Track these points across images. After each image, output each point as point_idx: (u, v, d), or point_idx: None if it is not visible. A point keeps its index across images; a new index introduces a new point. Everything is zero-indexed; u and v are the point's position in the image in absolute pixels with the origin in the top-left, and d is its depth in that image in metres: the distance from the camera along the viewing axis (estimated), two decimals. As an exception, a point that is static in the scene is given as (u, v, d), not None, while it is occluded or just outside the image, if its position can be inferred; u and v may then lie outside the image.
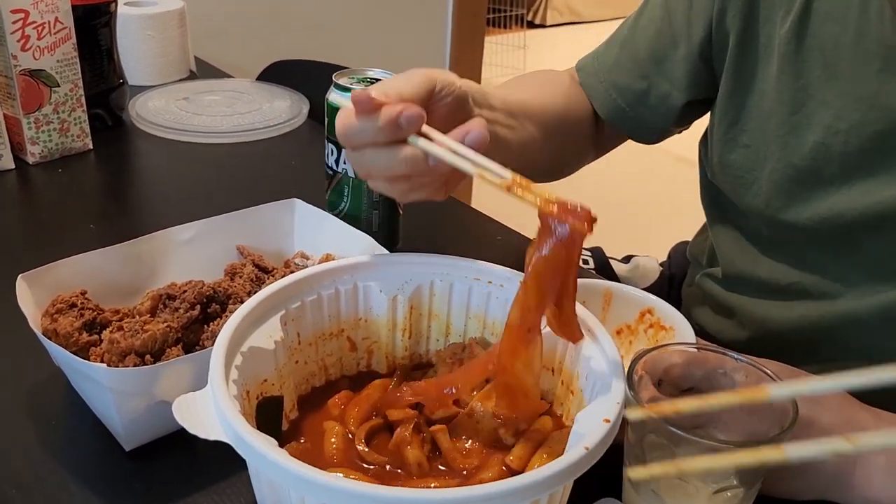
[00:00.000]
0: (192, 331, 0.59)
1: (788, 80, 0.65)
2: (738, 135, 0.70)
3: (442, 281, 0.59)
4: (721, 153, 0.72)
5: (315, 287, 0.56)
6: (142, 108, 1.13)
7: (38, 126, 0.97)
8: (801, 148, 0.65)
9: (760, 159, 0.68)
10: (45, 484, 0.53)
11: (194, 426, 0.44)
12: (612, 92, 0.78)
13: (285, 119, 1.12)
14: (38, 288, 0.60)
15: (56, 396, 0.61)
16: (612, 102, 0.78)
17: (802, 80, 0.64)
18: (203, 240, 0.69)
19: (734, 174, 0.71)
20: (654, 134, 0.80)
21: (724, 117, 0.71)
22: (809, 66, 0.64)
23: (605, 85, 0.78)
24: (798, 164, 0.65)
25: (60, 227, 0.86)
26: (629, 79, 0.76)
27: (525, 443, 0.52)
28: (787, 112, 0.65)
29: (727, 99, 0.70)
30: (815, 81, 0.64)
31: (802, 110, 0.65)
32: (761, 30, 0.67)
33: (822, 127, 0.64)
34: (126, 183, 1.02)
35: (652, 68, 0.75)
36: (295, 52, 1.36)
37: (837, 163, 0.64)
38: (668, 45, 0.73)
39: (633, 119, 0.78)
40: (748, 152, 0.69)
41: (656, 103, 0.76)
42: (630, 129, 0.79)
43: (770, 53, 0.66)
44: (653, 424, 0.45)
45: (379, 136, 0.51)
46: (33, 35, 0.92)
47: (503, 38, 3.95)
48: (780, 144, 0.67)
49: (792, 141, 0.66)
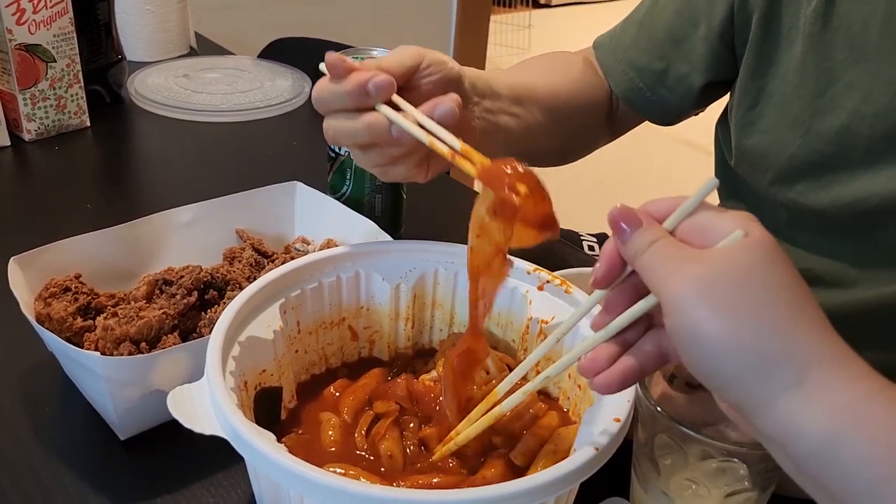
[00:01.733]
0: (188, 317, 0.57)
1: (813, 62, 0.63)
2: (757, 119, 0.68)
3: (446, 269, 0.57)
4: (739, 136, 0.70)
5: (316, 275, 0.55)
6: (140, 85, 1.11)
7: (34, 102, 0.95)
8: (826, 132, 0.63)
9: (779, 143, 0.67)
10: (38, 473, 0.52)
11: (190, 420, 0.42)
12: (630, 71, 0.76)
13: (287, 98, 1.10)
14: (31, 271, 0.58)
15: (49, 383, 0.59)
16: (629, 82, 0.76)
17: (828, 63, 0.62)
18: (201, 223, 0.67)
19: (752, 157, 0.69)
20: (670, 115, 0.78)
21: (743, 99, 0.69)
22: (836, 48, 0.62)
23: (623, 64, 0.76)
24: (821, 148, 0.63)
25: (56, 207, 0.84)
26: (647, 59, 0.74)
27: (529, 438, 0.51)
28: (810, 95, 0.64)
29: (747, 81, 0.68)
30: (842, 64, 0.62)
31: (827, 93, 0.63)
32: (785, 10, 0.64)
33: (848, 111, 0.62)
34: (124, 162, 1.00)
35: (670, 49, 0.73)
36: (297, 30, 1.33)
37: (863, 148, 0.62)
38: (687, 25, 0.71)
39: (651, 100, 0.76)
40: (766, 136, 0.67)
41: (674, 84, 0.74)
42: (647, 109, 0.77)
43: (794, 34, 0.64)
44: (664, 423, 0.44)
45: (346, 102, 0.52)
46: (29, 8, 0.90)
47: (508, 18, 3.90)
48: (803, 129, 0.65)
49: (815, 125, 0.64)
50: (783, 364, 0.34)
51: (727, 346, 0.34)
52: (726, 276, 0.35)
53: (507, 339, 0.57)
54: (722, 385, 0.36)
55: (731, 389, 0.35)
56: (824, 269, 0.68)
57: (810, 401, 0.34)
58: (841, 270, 0.67)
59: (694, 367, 0.36)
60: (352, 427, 0.52)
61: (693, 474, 0.44)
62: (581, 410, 0.51)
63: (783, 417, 0.34)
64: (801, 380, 0.34)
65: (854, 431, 0.33)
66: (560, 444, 0.49)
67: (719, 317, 0.34)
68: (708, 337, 0.34)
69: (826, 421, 0.33)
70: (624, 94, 0.77)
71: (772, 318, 0.35)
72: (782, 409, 0.34)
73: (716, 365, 0.35)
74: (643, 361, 0.40)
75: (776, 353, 0.34)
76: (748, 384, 0.34)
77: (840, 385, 0.34)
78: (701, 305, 0.35)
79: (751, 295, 0.35)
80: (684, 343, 0.36)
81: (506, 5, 4.03)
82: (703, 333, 0.35)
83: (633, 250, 0.38)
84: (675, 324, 0.36)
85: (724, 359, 0.35)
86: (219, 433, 0.42)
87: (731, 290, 0.35)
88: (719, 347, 0.34)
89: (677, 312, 0.35)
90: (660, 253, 0.37)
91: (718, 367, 0.35)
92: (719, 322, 0.34)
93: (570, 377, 0.53)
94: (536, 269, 0.55)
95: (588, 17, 4.45)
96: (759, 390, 0.34)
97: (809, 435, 0.33)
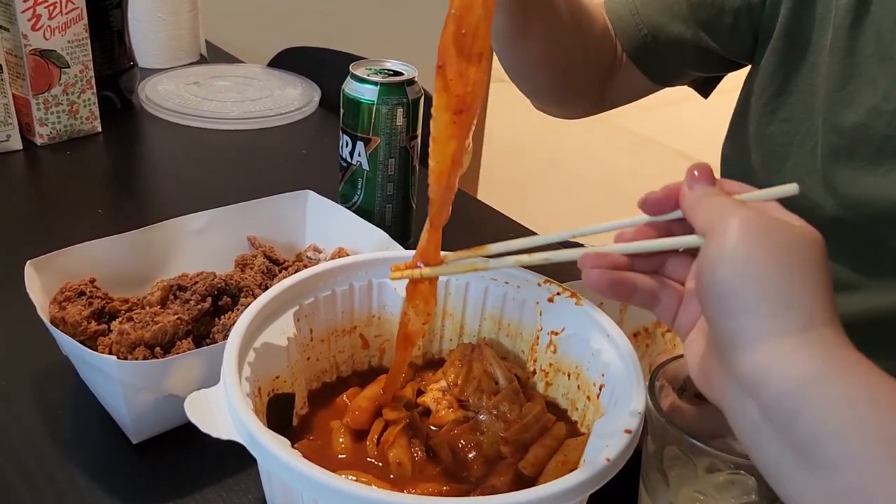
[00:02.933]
0: (202, 323, 0.58)
1: (839, 55, 0.63)
2: (780, 108, 0.67)
3: (458, 280, 0.57)
4: (758, 125, 0.70)
5: (329, 283, 0.55)
6: (151, 92, 1.11)
7: (46, 107, 0.95)
8: (841, 126, 0.63)
9: (800, 134, 0.66)
10: (52, 475, 0.52)
11: (206, 424, 0.43)
12: (644, 27, 0.74)
13: (297, 107, 1.11)
14: (47, 274, 0.59)
15: (63, 385, 0.60)
16: (641, 38, 0.74)
17: (853, 57, 0.62)
18: (214, 229, 0.68)
19: (769, 148, 0.69)
20: (669, 76, 0.77)
21: (767, 87, 0.68)
22: (863, 44, 0.61)
23: (637, 19, 0.74)
24: (834, 143, 0.63)
25: (68, 211, 0.85)
26: (666, 17, 0.73)
27: (538, 448, 0.51)
28: (832, 87, 0.63)
29: (775, 69, 0.67)
30: (867, 59, 0.62)
31: (847, 87, 0.62)
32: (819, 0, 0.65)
33: (866, 107, 0.62)
34: (134, 167, 1.01)
35: (696, 13, 0.71)
36: (306, 39, 1.34)
37: (875, 146, 0.62)
38: None
39: (659, 59, 0.75)
40: (788, 126, 0.67)
41: (688, 49, 0.72)
42: (648, 66, 0.76)
43: (826, 25, 0.64)
44: (674, 435, 0.44)
45: None
46: (44, 14, 0.91)
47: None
48: (822, 121, 0.65)
49: (831, 118, 0.64)
50: (799, 310, 0.35)
51: (755, 272, 0.36)
52: (776, 229, 0.37)
53: (517, 350, 0.58)
54: (726, 311, 0.36)
55: (733, 318, 0.36)
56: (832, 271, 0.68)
57: (809, 345, 0.35)
58: (847, 273, 0.67)
59: (711, 286, 0.37)
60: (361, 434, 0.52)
61: (702, 486, 0.45)
62: (590, 422, 0.51)
63: (772, 354, 0.35)
64: (808, 329, 0.35)
65: (837, 375, 0.34)
66: (569, 454, 0.50)
67: (758, 248, 0.36)
68: (740, 257, 0.36)
69: (815, 363, 0.35)
70: (632, 49, 0.75)
71: (803, 276, 0.36)
72: (775, 346, 0.35)
73: (734, 287, 0.36)
74: (640, 284, 0.42)
75: (798, 300, 0.36)
76: (755, 315, 0.36)
77: (839, 348, 0.36)
78: (745, 235, 0.37)
79: (792, 252, 0.37)
80: (714, 260, 0.37)
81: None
82: (736, 254, 0.36)
83: (700, 193, 0.40)
84: (715, 242, 0.37)
85: (745, 284, 0.36)
86: (235, 438, 0.42)
87: (776, 239, 0.37)
88: (748, 271, 0.36)
89: (721, 233, 0.37)
90: (723, 198, 0.39)
91: (735, 291, 0.36)
92: (757, 252, 0.36)
93: (579, 388, 0.54)
94: (547, 281, 0.56)
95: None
96: (763, 324, 0.35)
97: (793, 372, 0.34)
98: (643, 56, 0.75)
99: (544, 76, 0.76)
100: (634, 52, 0.75)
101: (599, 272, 0.42)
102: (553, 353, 0.55)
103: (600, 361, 0.51)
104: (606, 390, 0.50)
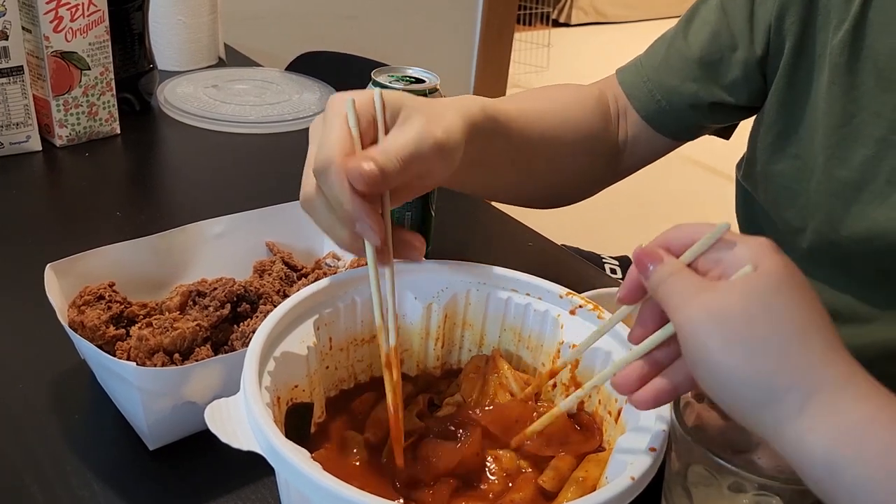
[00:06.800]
0: (220, 330, 0.58)
1: (838, 92, 0.63)
2: (787, 145, 0.68)
3: (479, 290, 0.57)
4: (767, 162, 0.70)
5: (349, 292, 0.55)
6: (170, 94, 1.12)
7: (66, 108, 0.96)
8: (848, 161, 0.63)
9: (808, 170, 0.67)
10: (68, 480, 0.52)
11: (226, 435, 0.42)
12: (657, 92, 0.75)
13: (314, 111, 1.11)
14: (66, 278, 0.59)
15: (80, 389, 0.59)
16: (654, 104, 0.76)
17: (854, 92, 0.62)
18: (232, 234, 0.67)
19: (779, 184, 0.69)
20: (690, 133, 0.78)
21: (773, 126, 0.69)
22: (862, 78, 0.62)
23: (650, 85, 0.76)
24: (843, 177, 0.64)
25: (86, 213, 0.85)
26: (678, 80, 0.74)
27: (558, 462, 0.51)
28: (835, 124, 0.64)
29: (779, 107, 0.68)
30: (868, 93, 0.62)
31: (852, 122, 0.63)
32: (818, 37, 0.65)
33: (875, 139, 0.62)
34: (153, 169, 1.01)
35: (704, 71, 0.73)
36: (324, 44, 1.34)
37: (884, 178, 0.62)
38: (725, 48, 0.71)
39: (674, 120, 0.76)
40: (797, 163, 0.67)
41: (703, 106, 0.74)
42: (665, 126, 0.77)
43: (822, 63, 0.64)
44: (699, 454, 0.43)
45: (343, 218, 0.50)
46: (66, 16, 0.91)
47: (528, 36, 3.91)
48: (826, 156, 0.65)
49: (838, 153, 0.64)
50: (791, 391, 0.37)
51: (740, 375, 0.37)
52: (737, 309, 0.38)
53: (537, 363, 0.57)
54: (738, 411, 0.39)
55: (747, 415, 0.38)
56: (843, 304, 0.68)
57: (815, 424, 0.36)
58: (860, 306, 0.67)
59: (712, 392, 0.39)
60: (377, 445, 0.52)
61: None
62: (611, 437, 0.51)
63: (792, 441, 0.37)
64: (806, 405, 0.36)
65: (855, 454, 0.35)
66: (591, 470, 0.49)
67: (731, 348, 0.37)
68: (721, 366, 0.38)
69: (829, 444, 0.36)
70: (647, 114, 0.76)
71: (780, 348, 0.37)
72: (791, 433, 0.36)
73: (731, 392, 0.38)
74: (676, 382, 0.43)
75: (785, 380, 0.37)
76: (761, 410, 0.37)
77: (845, 408, 0.36)
78: (714, 336, 0.38)
79: (760, 327, 0.38)
80: (701, 370, 0.39)
81: (526, 23, 4.05)
82: (716, 363, 0.38)
83: (654, 283, 0.42)
84: (691, 351, 0.39)
85: (738, 387, 0.38)
86: (255, 449, 0.42)
87: (742, 323, 0.38)
88: (734, 376, 0.37)
89: (692, 340, 0.39)
90: (677, 284, 0.41)
91: (734, 395, 0.38)
92: (731, 353, 0.37)
93: (600, 403, 0.53)
94: (569, 294, 0.55)
95: (606, 36, 4.47)
96: (770, 416, 0.37)
97: (815, 457, 0.36)
98: (659, 119, 0.76)
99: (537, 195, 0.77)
100: (651, 117, 0.76)
101: (640, 396, 0.43)
102: (574, 366, 0.54)
103: (623, 377, 0.50)
104: (629, 405, 0.49)
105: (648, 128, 0.77)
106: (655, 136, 0.78)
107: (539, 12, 4.13)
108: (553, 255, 0.87)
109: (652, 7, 4.58)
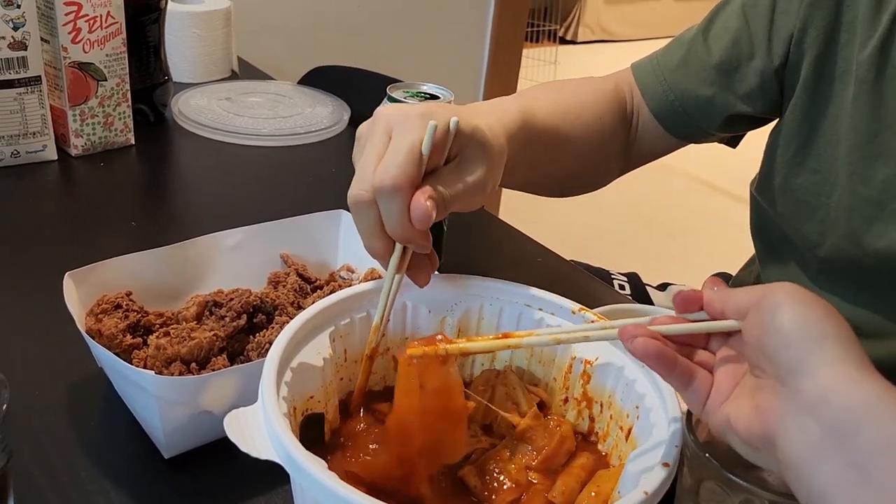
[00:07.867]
0: (236, 340, 0.58)
1: (864, 108, 0.63)
2: (807, 159, 0.68)
3: (492, 305, 0.58)
4: (786, 177, 0.70)
5: (364, 304, 0.55)
6: (184, 106, 1.13)
7: (82, 119, 0.97)
8: (871, 179, 0.63)
9: (829, 185, 0.67)
10: (83, 487, 0.53)
11: (246, 444, 0.43)
12: (672, 93, 0.76)
13: (327, 125, 1.12)
14: (84, 286, 0.59)
15: (96, 397, 0.60)
16: (668, 104, 0.76)
17: (881, 109, 0.62)
18: (247, 246, 0.68)
19: (798, 199, 0.69)
20: (698, 136, 0.79)
21: (792, 140, 0.69)
22: (889, 95, 0.62)
23: (665, 85, 0.76)
24: (865, 194, 0.64)
25: (101, 222, 0.86)
26: (694, 83, 0.74)
27: (567, 477, 0.51)
28: (860, 141, 0.64)
29: (799, 121, 0.68)
30: (894, 111, 0.62)
31: (876, 140, 0.63)
32: (840, 53, 0.65)
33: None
34: (166, 180, 1.02)
35: (722, 77, 0.73)
36: (336, 58, 1.35)
37: None
38: (744, 55, 0.72)
39: (686, 122, 0.77)
40: (817, 177, 0.67)
41: (716, 111, 0.74)
42: (675, 127, 0.78)
43: (847, 78, 0.65)
44: (713, 470, 0.44)
45: None
46: (84, 28, 0.93)
47: (534, 53, 3.94)
48: (848, 172, 0.65)
49: (861, 170, 0.64)
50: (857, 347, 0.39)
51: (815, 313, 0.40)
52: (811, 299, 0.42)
53: (549, 377, 0.58)
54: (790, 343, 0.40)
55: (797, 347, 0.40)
56: (863, 319, 0.68)
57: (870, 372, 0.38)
58: (878, 322, 0.67)
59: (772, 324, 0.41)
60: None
61: (738, 523, 0.45)
62: (622, 453, 0.51)
63: (837, 376, 0.38)
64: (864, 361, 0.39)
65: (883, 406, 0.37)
66: (602, 486, 0.49)
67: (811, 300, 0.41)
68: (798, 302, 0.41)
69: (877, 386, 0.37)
70: (660, 113, 0.77)
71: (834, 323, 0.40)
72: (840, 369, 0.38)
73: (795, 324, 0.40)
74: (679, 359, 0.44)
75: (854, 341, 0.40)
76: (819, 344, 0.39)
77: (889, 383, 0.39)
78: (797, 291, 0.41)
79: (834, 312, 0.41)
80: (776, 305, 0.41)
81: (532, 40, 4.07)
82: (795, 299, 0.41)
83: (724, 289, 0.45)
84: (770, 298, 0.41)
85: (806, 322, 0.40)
86: (273, 458, 0.42)
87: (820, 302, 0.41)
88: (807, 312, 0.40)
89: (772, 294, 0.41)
90: None
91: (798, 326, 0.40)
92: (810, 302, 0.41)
93: (611, 418, 0.54)
94: (581, 310, 0.56)
95: (612, 54, 4.48)
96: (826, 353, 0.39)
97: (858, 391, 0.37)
98: (671, 119, 0.77)
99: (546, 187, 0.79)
100: (663, 117, 0.78)
101: (645, 339, 0.44)
102: (586, 381, 0.55)
103: (635, 392, 0.51)
104: (641, 422, 0.50)
105: (658, 126, 0.78)
106: (664, 134, 0.78)
107: (546, 29, 4.16)
108: (562, 270, 0.87)
109: (658, 25, 4.61)
